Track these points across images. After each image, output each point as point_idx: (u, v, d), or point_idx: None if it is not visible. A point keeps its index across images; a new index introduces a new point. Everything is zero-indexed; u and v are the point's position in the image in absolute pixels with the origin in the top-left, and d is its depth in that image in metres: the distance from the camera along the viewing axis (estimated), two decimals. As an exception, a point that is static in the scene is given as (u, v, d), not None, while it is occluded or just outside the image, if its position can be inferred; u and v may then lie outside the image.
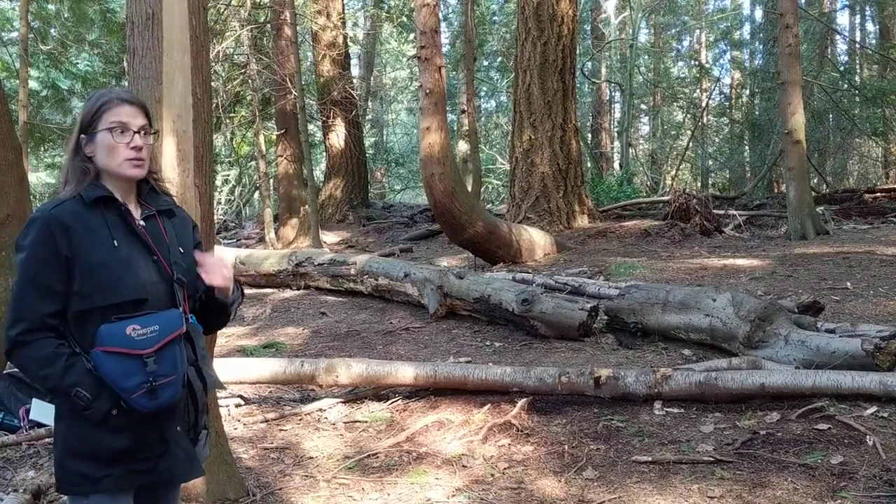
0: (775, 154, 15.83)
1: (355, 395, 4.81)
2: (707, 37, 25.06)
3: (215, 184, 13.94)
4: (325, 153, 17.26)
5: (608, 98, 25.01)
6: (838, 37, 21.64)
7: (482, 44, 21.27)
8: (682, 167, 22.88)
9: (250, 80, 13.27)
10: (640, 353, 5.38)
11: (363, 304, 7.72)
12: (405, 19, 20.06)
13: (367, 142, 22.54)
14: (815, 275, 7.53)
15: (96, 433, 1.80)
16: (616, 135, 24.65)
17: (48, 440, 4.03)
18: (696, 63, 24.58)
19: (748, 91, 23.15)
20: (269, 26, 14.49)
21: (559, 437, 3.94)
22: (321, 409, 4.64)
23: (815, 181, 15.76)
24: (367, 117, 25.69)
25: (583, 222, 11.71)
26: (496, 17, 23.69)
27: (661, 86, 23.37)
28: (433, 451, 3.90)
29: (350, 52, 17.79)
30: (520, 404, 4.26)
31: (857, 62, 22.43)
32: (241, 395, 4.87)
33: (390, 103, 29.78)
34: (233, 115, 15.50)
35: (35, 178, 17.51)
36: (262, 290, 8.79)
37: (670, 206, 11.78)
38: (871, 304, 6.25)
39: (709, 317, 5.17)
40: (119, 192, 1.91)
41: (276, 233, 13.84)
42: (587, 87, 23.41)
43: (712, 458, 3.50)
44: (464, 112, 16.49)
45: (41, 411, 4.16)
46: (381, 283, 7.67)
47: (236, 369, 4.88)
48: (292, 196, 14.16)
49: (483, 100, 25.81)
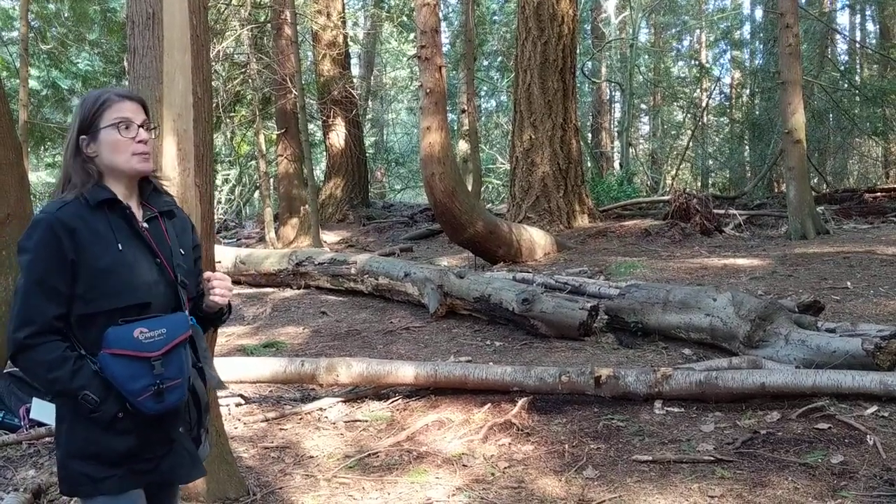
0: (775, 154, 15.84)
1: (356, 394, 4.81)
2: (707, 36, 25.06)
3: (215, 183, 13.94)
4: (325, 153, 17.26)
5: (608, 98, 25.03)
6: (838, 36, 21.65)
7: (482, 43, 21.26)
8: (682, 167, 22.88)
9: (250, 80, 13.28)
10: (641, 352, 5.38)
11: (363, 303, 7.72)
12: (405, 19, 20.05)
13: (368, 141, 22.56)
14: (816, 274, 7.53)
15: (102, 435, 1.80)
16: (616, 134, 24.66)
17: (49, 439, 4.03)
18: (697, 63, 24.58)
19: (748, 91, 23.16)
20: (269, 26, 14.49)
21: (559, 437, 3.94)
22: (321, 409, 4.64)
23: (816, 181, 15.76)
24: (368, 117, 25.71)
25: (583, 222, 11.71)
26: (496, 17, 23.69)
27: (661, 85, 23.37)
28: (433, 451, 3.90)
29: (350, 51, 17.79)
30: (520, 403, 4.26)
31: (858, 62, 22.44)
32: (241, 395, 4.87)
33: (390, 103, 29.79)
34: (233, 114, 15.50)
35: (35, 177, 17.53)
36: (263, 290, 8.78)
37: (670, 205, 11.78)
38: (872, 303, 6.25)
39: (709, 316, 5.17)
40: (122, 192, 1.89)
41: (277, 232, 13.84)
42: (587, 86, 23.42)
43: (713, 458, 3.50)
44: (464, 112, 16.49)
45: (41, 410, 4.16)
46: (382, 283, 7.67)
47: (237, 368, 4.89)
48: (292, 195, 14.16)
49: (483, 99, 25.81)
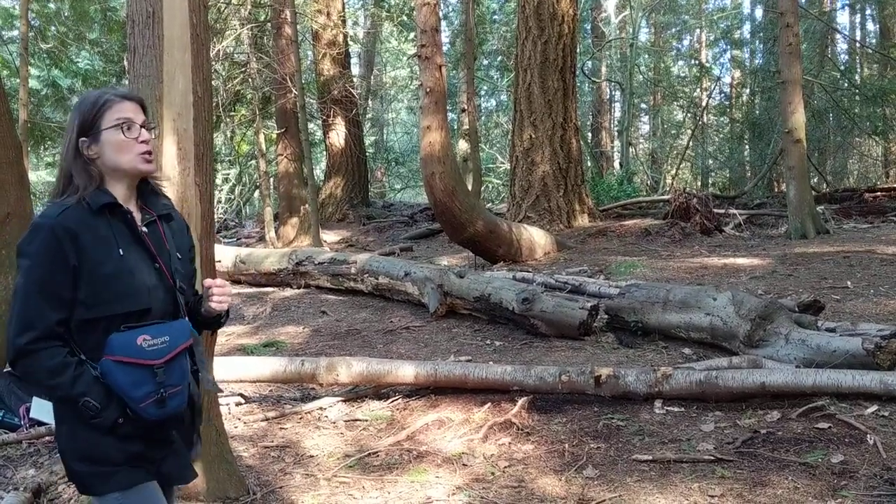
0: (775, 153, 15.84)
1: (356, 393, 4.81)
2: (707, 36, 25.07)
3: (215, 182, 13.93)
4: (325, 152, 17.26)
5: (608, 97, 25.03)
6: (839, 36, 21.67)
7: (482, 43, 21.26)
8: (682, 166, 22.89)
9: (250, 79, 13.28)
10: (641, 351, 5.37)
11: (363, 302, 7.72)
12: (405, 18, 20.06)
13: (368, 141, 22.55)
14: (816, 274, 7.53)
15: (103, 440, 1.81)
16: (616, 134, 24.66)
17: (48, 438, 4.03)
18: (697, 62, 24.59)
19: (748, 90, 23.17)
20: (269, 25, 14.49)
21: (559, 436, 3.94)
22: (321, 408, 4.64)
23: (816, 180, 15.75)
24: (368, 116, 25.70)
25: (583, 221, 11.71)
26: (496, 16, 23.69)
27: (661, 85, 23.38)
28: (433, 450, 3.89)
29: (350, 50, 17.78)
30: (520, 403, 4.26)
31: (858, 61, 22.44)
32: (241, 394, 4.87)
33: (390, 102, 29.79)
34: (233, 113, 15.50)
35: (35, 176, 17.54)
36: (263, 289, 8.78)
37: (670, 205, 11.78)
38: (872, 303, 6.25)
39: (709, 316, 5.16)
40: (123, 194, 1.87)
41: (277, 231, 13.84)
42: (587, 86, 23.42)
43: (713, 457, 3.50)
44: (464, 111, 16.48)
45: (41, 409, 4.16)
46: (382, 282, 7.67)
47: (237, 368, 4.89)
48: (292, 195, 14.16)
49: (483, 99, 25.82)
